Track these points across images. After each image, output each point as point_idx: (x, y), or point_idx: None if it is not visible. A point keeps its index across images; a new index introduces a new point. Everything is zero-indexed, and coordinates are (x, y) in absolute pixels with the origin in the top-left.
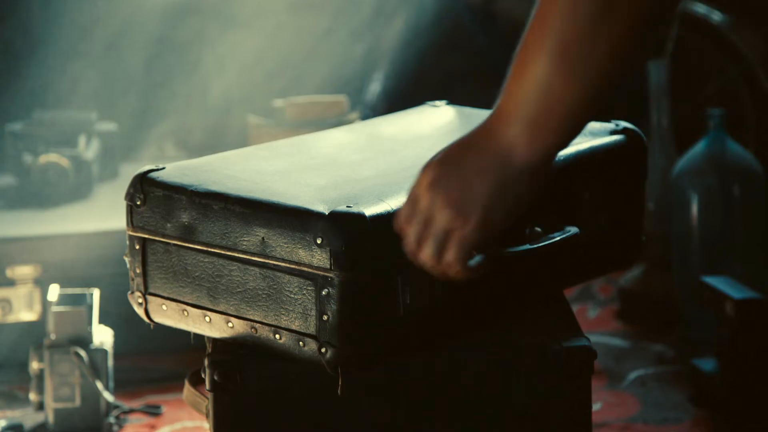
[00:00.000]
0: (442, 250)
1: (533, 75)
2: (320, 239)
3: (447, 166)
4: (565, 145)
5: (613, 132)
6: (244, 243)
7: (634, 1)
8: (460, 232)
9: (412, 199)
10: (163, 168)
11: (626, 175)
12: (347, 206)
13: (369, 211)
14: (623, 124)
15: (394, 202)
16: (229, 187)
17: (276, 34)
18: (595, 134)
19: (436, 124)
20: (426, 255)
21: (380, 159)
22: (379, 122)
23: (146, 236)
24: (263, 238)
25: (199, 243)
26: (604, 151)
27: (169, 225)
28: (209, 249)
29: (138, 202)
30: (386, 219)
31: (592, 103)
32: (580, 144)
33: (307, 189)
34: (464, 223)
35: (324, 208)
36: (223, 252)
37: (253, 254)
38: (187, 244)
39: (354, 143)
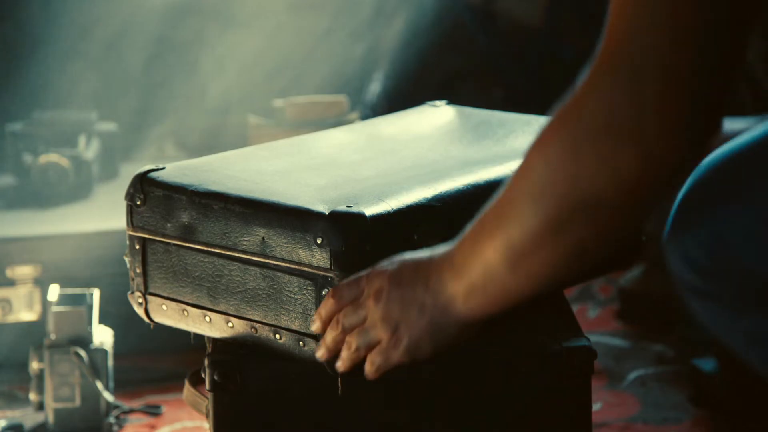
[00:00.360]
0: (364, 352)
1: (482, 257)
2: (320, 239)
3: (396, 286)
4: (504, 312)
5: None
6: (244, 243)
7: (587, 223)
8: (388, 348)
9: (355, 292)
10: (163, 168)
11: None
12: (347, 206)
13: (369, 211)
14: None
15: (395, 202)
16: (229, 187)
17: (276, 34)
18: None
19: (436, 124)
20: (349, 349)
21: (380, 159)
22: (379, 122)
23: (146, 236)
24: (263, 238)
25: (199, 243)
26: None
27: (169, 225)
28: (209, 249)
29: (138, 202)
30: (386, 219)
31: (536, 293)
32: None
33: (307, 189)
34: (395, 344)
35: (324, 208)
36: (223, 252)
37: (254, 254)
38: (187, 244)
39: (354, 143)
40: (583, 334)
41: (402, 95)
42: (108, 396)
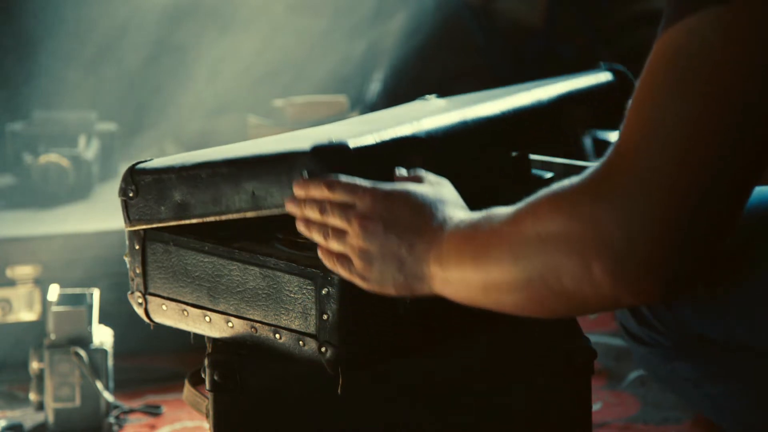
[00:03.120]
0: (335, 249)
1: (464, 268)
2: (305, 174)
3: (385, 229)
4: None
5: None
6: (236, 203)
7: (563, 303)
8: (357, 272)
9: (348, 198)
10: (151, 160)
11: (617, 113)
12: (330, 140)
13: (353, 143)
14: (611, 65)
15: (379, 135)
16: (215, 156)
17: (275, 34)
18: (584, 73)
19: (427, 107)
20: (321, 236)
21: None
22: (372, 113)
23: (144, 227)
24: (253, 192)
25: (194, 217)
26: (595, 87)
27: (163, 208)
28: (210, 245)
29: (131, 194)
30: (371, 151)
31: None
32: (572, 81)
33: (294, 142)
34: (364, 274)
35: (308, 147)
36: (223, 251)
37: (247, 210)
38: (182, 222)
39: (344, 123)
40: (583, 334)
41: (401, 95)
42: (108, 396)
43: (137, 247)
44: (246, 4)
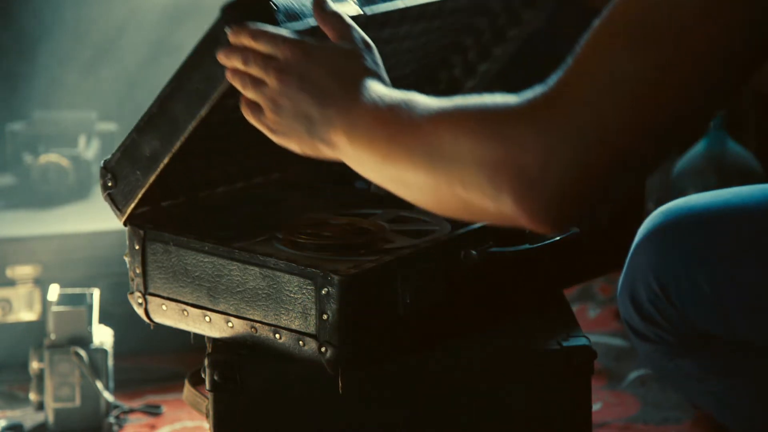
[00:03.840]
0: (250, 96)
1: (373, 151)
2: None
3: (301, 86)
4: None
5: None
6: (193, 104)
7: (465, 211)
8: (265, 119)
9: (270, 47)
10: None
11: None
12: None
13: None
14: None
15: None
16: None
17: None
18: None
19: None
20: (242, 85)
21: None
22: None
23: (134, 206)
24: (197, 86)
25: (166, 154)
26: None
27: (139, 173)
28: (210, 245)
29: (110, 183)
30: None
31: None
32: None
33: None
34: (273, 124)
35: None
36: (223, 251)
37: (202, 102)
38: (160, 167)
39: None
40: (583, 334)
41: None
42: (108, 396)
43: (137, 247)
44: None
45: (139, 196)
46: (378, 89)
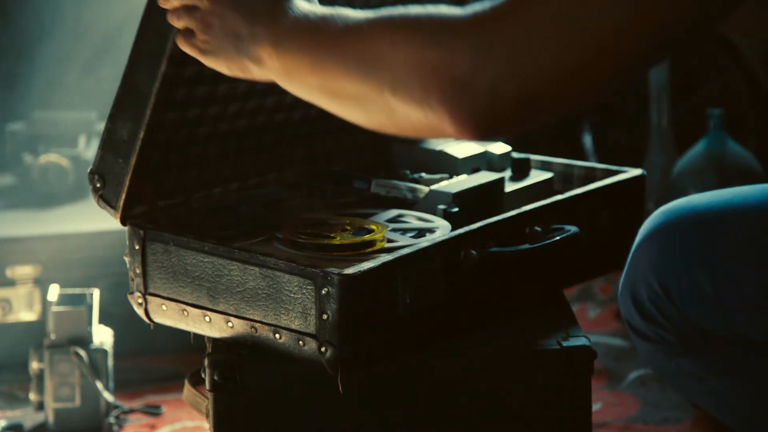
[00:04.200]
0: (183, 24)
1: (302, 60)
2: None
3: (232, 3)
4: None
5: None
6: (155, 64)
7: (389, 121)
8: (195, 40)
9: None
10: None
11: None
12: None
13: None
14: None
15: None
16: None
17: None
18: None
19: None
20: (176, 18)
21: None
22: None
23: (125, 199)
24: (151, 46)
25: (143, 128)
26: None
27: (120, 160)
28: (210, 245)
29: (99, 185)
30: None
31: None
32: None
33: None
34: (202, 45)
35: None
36: (223, 251)
37: (159, 60)
38: (138, 143)
39: None
40: (583, 334)
41: None
42: (108, 396)
43: (137, 247)
44: None
45: (127, 184)
46: (306, 5)
